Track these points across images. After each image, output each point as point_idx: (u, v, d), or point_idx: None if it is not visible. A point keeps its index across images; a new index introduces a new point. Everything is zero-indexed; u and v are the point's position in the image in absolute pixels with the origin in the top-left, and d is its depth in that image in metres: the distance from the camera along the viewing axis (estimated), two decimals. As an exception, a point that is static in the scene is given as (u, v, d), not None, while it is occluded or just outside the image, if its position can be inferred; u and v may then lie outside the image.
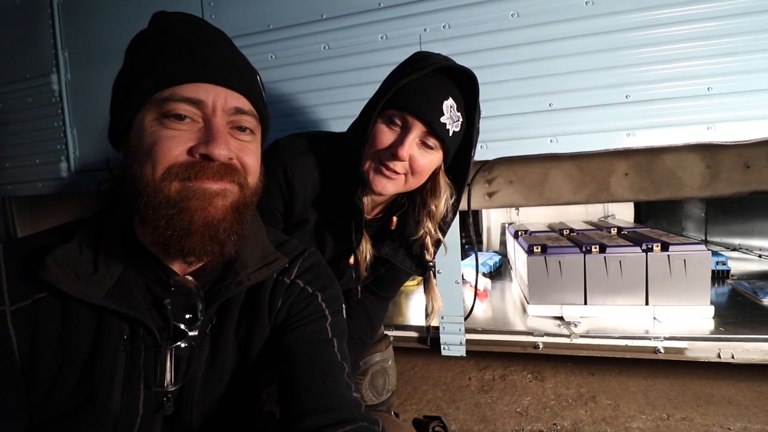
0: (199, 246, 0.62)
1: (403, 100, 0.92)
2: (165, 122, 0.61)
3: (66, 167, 2.14)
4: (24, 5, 2.16)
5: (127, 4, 1.95)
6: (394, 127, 0.95)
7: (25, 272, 0.62)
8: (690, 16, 1.36)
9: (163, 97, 0.61)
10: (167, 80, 0.61)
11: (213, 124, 0.62)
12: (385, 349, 1.41)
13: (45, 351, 0.61)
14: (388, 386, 1.38)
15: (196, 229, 0.61)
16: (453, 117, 0.94)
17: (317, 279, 0.79)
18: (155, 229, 0.61)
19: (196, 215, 0.61)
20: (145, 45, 0.67)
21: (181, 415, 0.68)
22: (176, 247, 0.62)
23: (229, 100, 0.64)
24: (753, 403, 1.45)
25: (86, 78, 2.07)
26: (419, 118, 0.92)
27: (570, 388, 1.63)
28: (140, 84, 0.62)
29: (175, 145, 0.60)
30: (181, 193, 0.61)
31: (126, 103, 0.63)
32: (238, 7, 1.80)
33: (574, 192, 1.64)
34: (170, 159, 0.60)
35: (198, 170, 0.61)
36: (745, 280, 2.18)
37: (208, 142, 0.61)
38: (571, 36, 1.45)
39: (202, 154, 0.61)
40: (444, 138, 0.94)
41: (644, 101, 1.42)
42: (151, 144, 0.60)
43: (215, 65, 0.64)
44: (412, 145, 0.94)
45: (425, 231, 1.07)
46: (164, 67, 0.62)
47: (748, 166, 1.48)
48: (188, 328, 0.68)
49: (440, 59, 0.95)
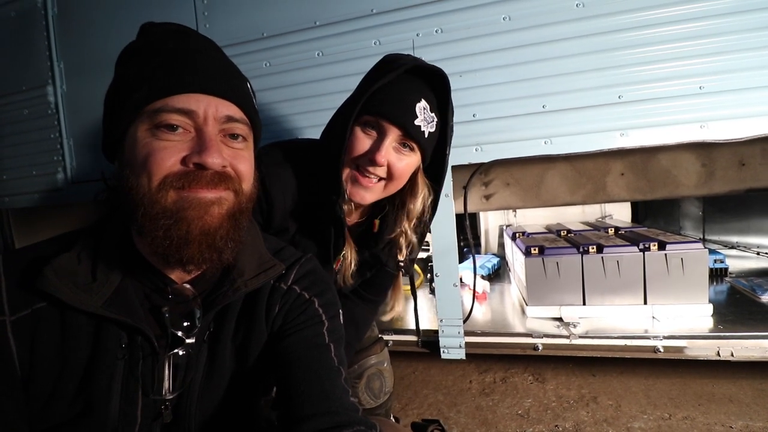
0: (198, 254, 0.63)
1: (376, 106, 0.93)
2: (157, 133, 0.61)
3: (62, 178, 2.15)
4: (19, 18, 2.17)
5: (121, 16, 1.96)
6: (369, 132, 0.96)
7: (25, 282, 0.62)
8: (680, 16, 1.38)
9: (154, 108, 0.61)
10: (158, 91, 0.62)
11: (205, 133, 0.63)
12: (380, 351, 1.41)
13: (44, 360, 0.62)
14: (384, 389, 1.38)
15: (193, 238, 0.62)
16: (427, 118, 0.95)
17: (314, 285, 0.79)
18: (153, 240, 0.62)
19: (193, 224, 0.62)
20: (134, 57, 0.67)
21: (179, 422, 0.67)
22: (175, 257, 0.62)
23: (220, 108, 0.64)
24: (754, 401, 1.45)
25: (82, 89, 2.08)
26: (394, 123, 0.93)
27: (571, 389, 1.62)
28: (132, 96, 0.62)
29: (168, 155, 0.61)
30: (178, 203, 0.61)
31: (118, 115, 0.64)
32: (232, 15, 1.81)
33: (570, 193, 1.64)
34: (164, 169, 0.61)
35: (192, 179, 0.61)
36: (743, 278, 2.18)
37: (201, 152, 0.61)
38: (562, 38, 1.47)
39: (195, 164, 0.62)
40: (420, 140, 0.95)
41: (637, 101, 1.43)
42: (145, 155, 0.61)
43: (205, 75, 0.64)
44: (389, 149, 0.95)
45: (401, 230, 1.08)
46: (155, 78, 0.62)
47: (743, 163, 1.49)
48: (186, 336, 0.68)
49: (410, 60, 0.95)
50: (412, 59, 0.95)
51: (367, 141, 0.95)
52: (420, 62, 0.95)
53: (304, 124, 1.75)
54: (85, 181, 2.12)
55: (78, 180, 2.13)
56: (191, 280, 0.71)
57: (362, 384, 1.34)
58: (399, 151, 0.96)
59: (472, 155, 1.59)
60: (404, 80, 0.94)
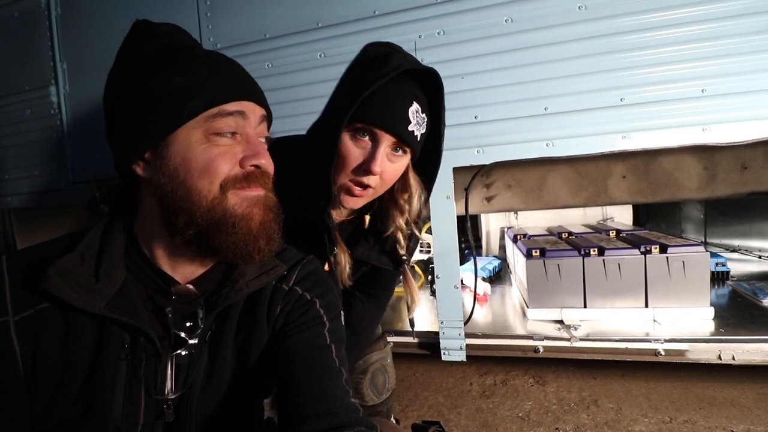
0: (265, 246, 0.68)
1: (368, 113, 0.90)
2: (213, 138, 0.65)
3: (64, 178, 2.15)
4: (23, 18, 2.17)
5: (125, 16, 1.97)
6: (361, 139, 0.92)
7: (28, 283, 0.63)
8: (682, 19, 1.38)
9: (211, 114, 0.64)
10: (218, 99, 0.65)
11: (253, 137, 0.68)
12: (383, 347, 1.41)
13: (47, 360, 0.62)
14: (388, 384, 1.38)
15: (258, 232, 0.67)
16: (419, 121, 0.92)
17: (315, 286, 0.79)
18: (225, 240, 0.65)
19: (255, 220, 0.67)
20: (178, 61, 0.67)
21: (180, 422, 0.68)
22: (243, 251, 0.66)
23: (257, 112, 0.70)
24: (755, 405, 1.45)
25: (85, 90, 2.08)
26: (387, 131, 0.90)
27: (572, 392, 1.62)
28: (187, 103, 0.63)
29: (227, 159, 0.65)
30: (242, 203, 0.66)
31: (162, 119, 0.64)
32: (235, 17, 1.82)
33: (572, 195, 1.64)
34: (225, 173, 0.64)
35: (251, 180, 0.67)
36: (745, 281, 2.17)
37: (258, 155, 0.67)
38: (564, 40, 1.47)
39: (254, 165, 0.66)
40: (413, 144, 0.93)
41: (639, 104, 1.43)
42: (206, 160, 0.64)
43: (245, 82, 0.70)
44: (384, 157, 0.92)
45: (396, 226, 1.06)
46: (212, 86, 0.65)
47: (746, 167, 1.49)
48: (188, 336, 0.68)
49: (400, 62, 0.90)
50: (401, 60, 0.91)
51: (360, 151, 0.93)
52: (410, 65, 0.92)
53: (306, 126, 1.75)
54: (86, 181, 2.12)
55: (80, 180, 2.13)
56: (193, 280, 0.71)
57: (367, 379, 1.34)
58: (391, 157, 0.94)
59: (473, 157, 1.59)
60: (396, 83, 0.91)
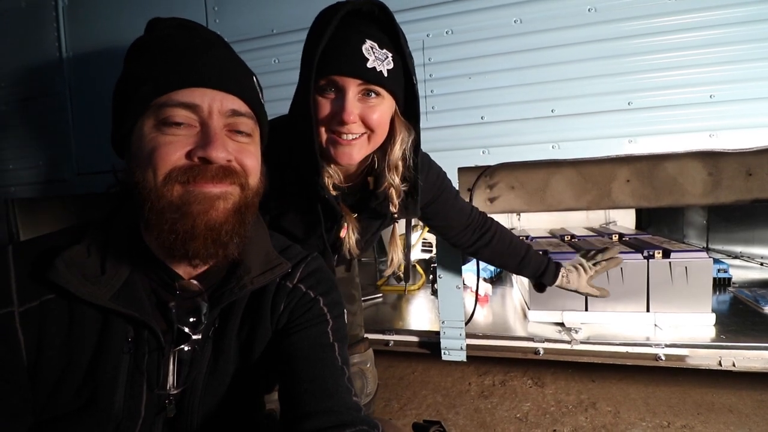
0: (203, 249, 0.63)
1: (325, 65, 0.88)
2: (163, 128, 0.62)
3: (69, 169, 2.15)
4: (29, 8, 2.17)
5: (131, 8, 1.97)
6: (328, 94, 0.91)
7: (34, 273, 0.63)
8: (692, 24, 1.37)
9: (159, 103, 0.62)
10: (164, 87, 0.62)
11: (209, 127, 0.63)
12: (364, 351, 1.38)
13: (51, 351, 0.62)
14: (366, 389, 1.34)
15: (199, 232, 0.62)
16: (380, 57, 0.88)
17: (319, 284, 0.79)
18: (159, 234, 0.62)
19: (198, 219, 0.62)
20: (141, 52, 0.68)
21: (182, 417, 0.68)
22: (180, 251, 0.63)
23: (225, 103, 0.65)
24: (754, 412, 1.44)
25: (90, 80, 2.08)
26: (346, 75, 0.88)
27: (570, 394, 1.62)
28: (138, 91, 0.63)
29: (173, 150, 0.62)
30: (183, 197, 0.62)
31: (126, 110, 0.65)
32: (242, 12, 1.82)
33: (575, 198, 1.64)
34: (170, 164, 0.61)
35: (197, 173, 0.62)
36: (747, 288, 2.17)
37: (206, 146, 0.62)
38: (573, 43, 1.46)
39: (200, 158, 0.62)
40: (381, 81, 0.89)
41: (646, 108, 1.43)
42: (150, 150, 0.62)
43: (210, 69, 0.64)
44: (354, 103, 0.89)
45: (388, 182, 1.03)
46: (160, 73, 0.63)
47: (750, 173, 1.49)
48: (192, 332, 0.68)
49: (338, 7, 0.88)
50: (346, 6, 0.88)
51: (329, 103, 0.91)
52: (352, 6, 0.89)
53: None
54: (91, 172, 2.12)
55: (84, 171, 2.13)
56: (198, 275, 0.71)
57: None
58: (365, 101, 0.91)
59: (478, 158, 1.58)
60: (342, 29, 0.88)
